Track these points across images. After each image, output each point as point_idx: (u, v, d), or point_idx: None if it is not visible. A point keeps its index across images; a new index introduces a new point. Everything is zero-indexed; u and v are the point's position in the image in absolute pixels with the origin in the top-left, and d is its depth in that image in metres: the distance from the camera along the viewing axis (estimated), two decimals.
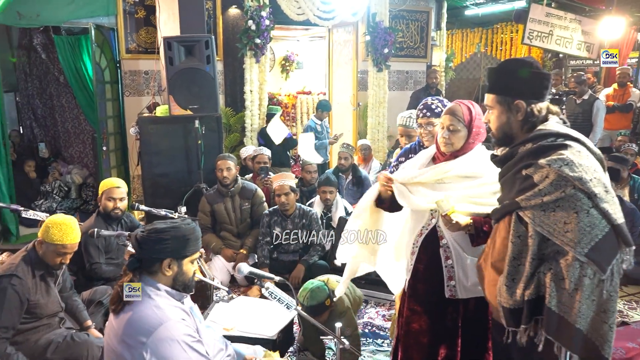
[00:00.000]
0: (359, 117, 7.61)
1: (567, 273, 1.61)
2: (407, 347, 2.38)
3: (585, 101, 6.32)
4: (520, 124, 1.80)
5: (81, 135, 7.40)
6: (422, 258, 2.29)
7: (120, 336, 1.81)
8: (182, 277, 1.95)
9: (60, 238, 2.71)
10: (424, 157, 2.38)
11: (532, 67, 1.81)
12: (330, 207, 4.74)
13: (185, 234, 1.92)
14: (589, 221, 1.59)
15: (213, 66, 4.75)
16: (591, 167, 1.64)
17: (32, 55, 7.18)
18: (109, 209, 3.60)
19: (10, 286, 2.59)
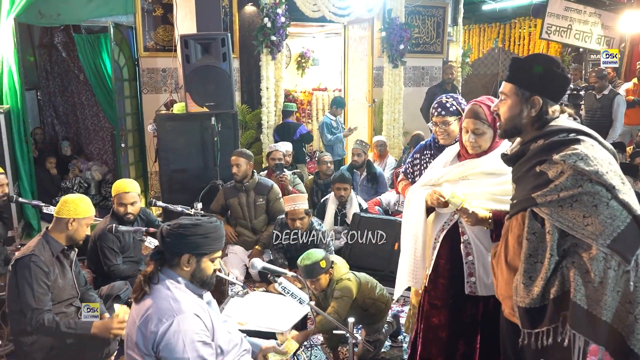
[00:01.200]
0: (374, 113, 7.60)
1: (592, 266, 1.59)
2: (426, 342, 2.39)
3: (605, 96, 6.23)
4: (532, 120, 1.80)
5: (100, 132, 7.53)
6: (443, 253, 2.30)
7: (137, 324, 1.88)
8: (200, 274, 1.99)
9: (89, 210, 2.92)
10: (449, 154, 2.37)
11: (558, 67, 1.80)
12: (344, 203, 4.76)
13: (207, 233, 1.96)
14: (609, 213, 1.57)
15: (229, 63, 4.80)
16: (606, 159, 1.63)
17: (53, 54, 7.33)
18: (121, 214, 3.64)
19: (31, 263, 2.72)
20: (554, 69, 1.78)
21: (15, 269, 2.76)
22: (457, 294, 2.25)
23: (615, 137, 6.22)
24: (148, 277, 1.95)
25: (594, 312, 1.61)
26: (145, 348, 1.85)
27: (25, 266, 2.73)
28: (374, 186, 5.54)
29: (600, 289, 1.59)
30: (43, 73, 7.43)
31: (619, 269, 1.58)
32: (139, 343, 1.85)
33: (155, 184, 6.15)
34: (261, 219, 4.61)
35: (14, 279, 2.75)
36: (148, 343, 1.84)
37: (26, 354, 2.79)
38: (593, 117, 6.33)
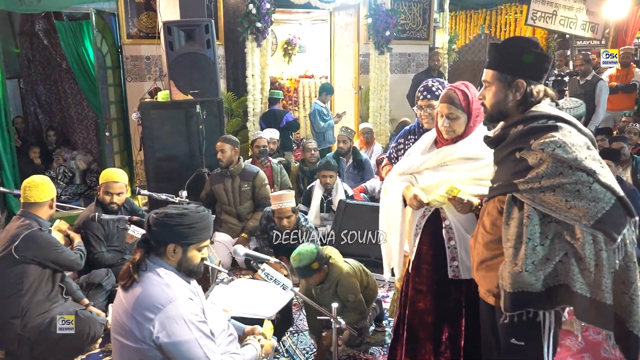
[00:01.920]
0: (360, 100, 7.60)
1: (584, 252, 1.61)
2: (412, 326, 2.42)
3: (588, 82, 6.28)
4: (517, 103, 1.80)
5: (84, 121, 7.45)
6: (425, 239, 2.32)
7: (129, 312, 1.86)
8: (187, 263, 1.98)
9: (53, 190, 3.09)
10: (425, 141, 2.38)
11: (537, 47, 1.81)
12: (330, 190, 4.78)
13: (193, 222, 1.95)
14: (592, 196, 1.59)
15: (213, 50, 4.75)
16: (584, 145, 1.64)
17: (34, 42, 7.21)
18: (106, 202, 3.64)
19: (42, 232, 2.92)
20: (533, 49, 1.79)
21: (25, 246, 2.84)
22: (440, 279, 2.28)
23: (598, 123, 6.28)
24: (136, 264, 1.93)
25: (598, 298, 1.62)
26: (141, 336, 1.84)
27: (39, 237, 2.89)
28: (359, 173, 5.56)
29: (597, 272, 1.61)
30: (25, 61, 7.31)
31: (609, 249, 1.60)
32: (134, 331, 1.84)
33: (141, 172, 6.12)
34: (246, 205, 4.61)
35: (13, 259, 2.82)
36: (145, 331, 1.83)
37: (19, 337, 2.81)
38: None
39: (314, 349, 3.07)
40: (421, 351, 2.38)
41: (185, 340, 1.84)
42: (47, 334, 2.86)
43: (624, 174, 5.06)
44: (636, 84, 7.12)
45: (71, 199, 6.35)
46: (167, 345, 1.84)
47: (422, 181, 2.28)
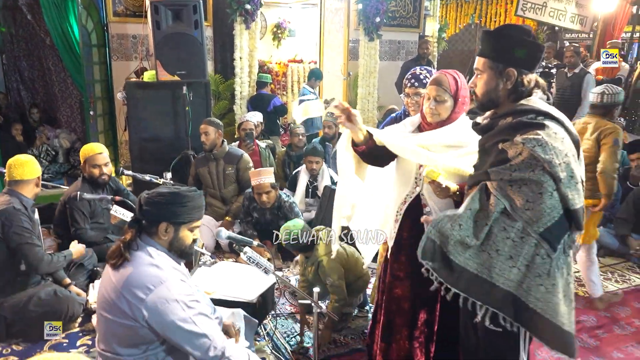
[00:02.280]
0: (349, 86, 7.57)
1: (522, 251, 1.67)
2: (389, 312, 2.44)
3: (576, 75, 6.32)
4: (508, 92, 1.80)
5: (68, 99, 7.32)
6: (405, 226, 2.33)
7: (119, 290, 1.85)
8: (178, 243, 1.98)
9: (38, 169, 3.08)
10: (409, 124, 2.39)
11: (529, 36, 1.80)
12: (316, 176, 4.78)
13: (185, 201, 1.95)
14: (550, 204, 1.63)
15: (201, 31, 4.69)
16: (563, 151, 1.66)
17: (17, 16, 7.04)
18: (96, 176, 3.62)
19: (15, 211, 2.89)
20: (525, 37, 1.78)
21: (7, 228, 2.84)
22: (419, 266, 2.30)
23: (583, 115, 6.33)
24: (127, 244, 1.92)
25: (518, 294, 1.71)
26: (132, 314, 1.83)
27: (11, 214, 2.85)
28: None
29: (526, 272, 1.69)
30: (7, 36, 7.14)
31: (547, 257, 1.66)
32: (124, 309, 1.84)
33: (126, 153, 6.05)
34: (231, 188, 4.59)
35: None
36: (135, 310, 1.82)
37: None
38: (563, 95, 6.42)
39: (294, 333, 3.10)
40: (397, 337, 2.41)
41: (179, 318, 1.84)
42: (24, 312, 2.85)
43: None
44: (622, 78, 7.20)
45: (54, 177, 6.26)
46: (161, 325, 1.84)
47: (404, 165, 2.29)
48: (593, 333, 3.17)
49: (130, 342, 1.89)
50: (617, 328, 3.24)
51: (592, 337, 3.13)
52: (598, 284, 3.50)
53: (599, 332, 3.18)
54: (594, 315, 3.38)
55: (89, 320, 3.08)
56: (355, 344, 3.01)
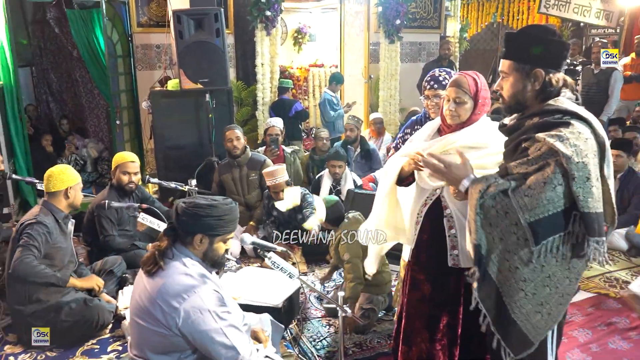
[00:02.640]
0: (370, 90, 7.56)
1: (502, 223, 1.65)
2: (410, 315, 2.43)
3: (603, 71, 6.19)
4: (536, 94, 1.77)
5: (95, 109, 7.50)
6: (426, 228, 2.31)
7: (154, 298, 1.89)
8: (212, 253, 2.02)
9: (77, 176, 3.16)
10: (429, 128, 2.38)
11: (554, 35, 1.77)
12: (339, 180, 4.78)
13: (222, 214, 1.98)
14: (549, 196, 1.60)
15: (223, 39, 4.76)
16: (584, 150, 1.62)
17: (45, 30, 7.25)
18: (124, 182, 3.71)
19: (36, 224, 2.92)
20: (550, 37, 1.76)
21: (20, 233, 2.90)
22: (440, 268, 2.28)
23: (610, 113, 6.21)
24: (162, 251, 1.96)
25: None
26: (165, 322, 1.87)
27: (27, 230, 2.89)
28: (367, 162, 5.56)
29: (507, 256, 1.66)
30: (37, 50, 7.36)
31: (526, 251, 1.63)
32: (158, 317, 1.88)
33: (151, 161, 6.16)
34: (254, 194, 4.63)
35: (17, 243, 2.89)
36: (169, 319, 1.86)
37: (27, 324, 2.88)
38: (588, 92, 6.30)
39: (320, 337, 3.10)
40: (417, 339, 2.39)
41: (211, 329, 1.87)
42: (55, 322, 2.91)
43: (636, 164, 5.02)
44: None
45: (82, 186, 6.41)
46: (192, 335, 1.88)
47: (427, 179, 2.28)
48: (626, 335, 3.09)
49: (162, 349, 1.93)
50: None
51: (624, 339, 3.05)
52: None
53: (632, 334, 3.10)
54: (627, 317, 3.29)
55: (119, 326, 3.14)
56: (381, 347, 2.99)
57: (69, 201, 3.09)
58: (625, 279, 3.86)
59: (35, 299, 2.92)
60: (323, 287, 3.72)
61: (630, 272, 3.99)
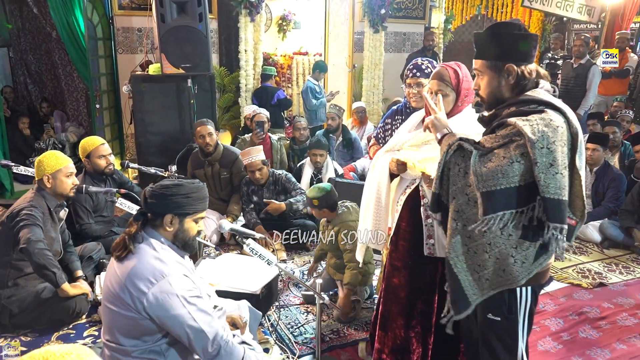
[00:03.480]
0: (354, 79, 7.56)
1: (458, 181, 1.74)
2: (387, 301, 2.47)
3: (582, 65, 6.27)
4: (512, 87, 1.81)
5: (75, 92, 7.37)
6: (404, 216, 2.34)
7: (122, 282, 1.89)
8: (182, 234, 2.01)
9: (60, 162, 3.03)
10: (414, 119, 2.40)
11: (520, 29, 1.81)
12: (320, 169, 4.79)
13: (189, 192, 1.98)
14: (505, 169, 1.64)
15: (205, 24, 4.70)
16: (551, 137, 1.64)
17: (24, 10, 7.09)
18: (102, 167, 3.65)
19: (33, 208, 2.89)
20: (516, 32, 1.79)
21: (14, 217, 2.86)
22: (417, 256, 2.32)
23: (587, 107, 6.30)
24: (132, 236, 1.95)
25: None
26: (134, 306, 1.87)
27: (26, 211, 2.87)
28: (349, 151, 5.58)
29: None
30: (14, 30, 7.19)
31: (473, 220, 1.71)
32: (127, 301, 1.87)
33: (131, 146, 6.10)
34: (227, 190, 4.54)
35: (7, 227, 2.86)
36: (137, 303, 1.86)
37: (2, 307, 2.86)
38: (567, 86, 6.38)
39: (298, 324, 3.13)
40: (392, 325, 2.43)
41: (178, 314, 1.87)
42: (31, 308, 2.89)
43: (612, 159, 5.12)
44: (630, 69, 7.13)
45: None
46: (161, 319, 1.87)
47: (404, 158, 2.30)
48: (596, 324, 3.17)
49: (133, 334, 1.92)
50: (620, 320, 3.24)
51: (594, 328, 3.13)
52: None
53: (602, 324, 3.18)
54: (597, 307, 3.38)
55: (95, 311, 3.12)
56: (358, 334, 3.03)
57: (51, 189, 3.01)
58: (598, 270, 3.95)
59: (13, 283, 2.90)
60: (302, 275, 3.74)
61: (602, 264, 4.09)
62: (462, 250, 1.76)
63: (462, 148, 1.76)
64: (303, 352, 2.84)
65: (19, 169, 3.55)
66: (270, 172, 4.30)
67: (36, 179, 3.03)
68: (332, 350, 2.87)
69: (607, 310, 3.35)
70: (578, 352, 2.88)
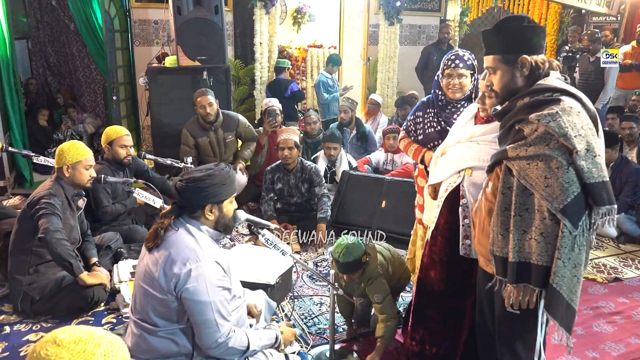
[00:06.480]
0: (368, 72, 7.54)
1: (548, 231, 1.67)
2: (421, 292, 2.51)
3: (598, 59, 6.19)
4: (526, 79, 1.82)
5: (92, 84, 7.45)
6: (444, 213, 2.36)
7: (160, 265, 1.96)
8: (224, 219, 2.09)
9: (82, 153, 3.07)
10: (467, 115, 2.37)
11: (527, 21, 1.83)
12: (334, 162, 4.80)
13: (222, 180, 2.04)
14: (568, 177, 1.63)
15: (221, 16, 4.73)
16: (578, 124, 1.66)
17: (42, 2, 7.16)
18: (122, 156, 3.72)
19: (52, 197, 2.94)
20: (524, 24, 1.81)
21: (34, 205, 2.91)
22: (453, 254, 2.33)
23: (606, 101, 6.22)
24: (165, 228, 2.01)
25: (554, 286, 1.69)
26: (167, 287, 1.94)
27: (45, 200, 2.91)
28: (363, 144, 5.58)
29: (555, 254, 1.66)
30: (33, 22, 7.28)
31: (570, 235, 1.65)
32: (161, 282, 1.95)
33: (148, 137, 6.16)
34: (229, 152, 4.63)
35: (28, 214, 2.92)
36: (170, 283, 1.93)
37: (24, 294, 2.92)
38: (587, 80, 6.30)
39: (312, 315, 3.15)
40: (424, 316, 2.48)
41: (203, 301, 1.94)
42: (51, 295, 2.96)
43: (630, 153, 5.06)
44: None
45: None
46: (186, 301, 1.95)
47: (452, 153, 2.32)
48: (611, 319, 3.15)
49: (164, 314, 1.99)
50: (636, 315, 3.22)
51: (609, 323, 3.12)
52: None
53: (617, 319, 3.16)
54: (612, 302, 3.36)
55: (113, 299, 3.18)
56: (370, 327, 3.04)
57: (69, 179, 3.06)
58: (613, 265, 3.92)
59: (34, 270, 2.97)
60: (316, 266, 3.77)
61: (618, 259, 4.05)
62: (559, 265, 1.68)
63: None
64: (317, 342, 2.87)
65: (39, 159, 3.61)
66: (299, 160, 4.26)
67: (56, 167, 3.08)
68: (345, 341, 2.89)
69: (622, 305, 3.33)
70: (592, 346, 2.88)
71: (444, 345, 2.47)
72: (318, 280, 3.52)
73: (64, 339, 1.01)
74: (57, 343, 1.01)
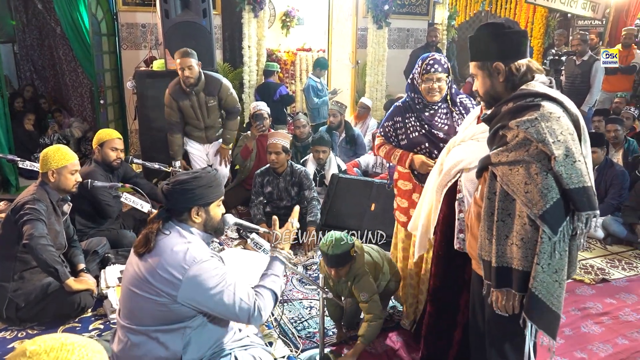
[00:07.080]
0: (357, 75, 7.56)
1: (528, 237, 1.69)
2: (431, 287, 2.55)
3: (585, 62, 6.26)
4: (504, 85, 1.84)
5: (79, 88, 7.40)
6: (443, 207, 2.38)
7: (154, 269, 1.92)
8: (211, 221, 2.08)
9: (67, 158, 3.04)
10: (472, 116, 2.38)
11: (507, 27, 1.84)
12: (323, 165, 4.80)
13: (208, 182, 2.04)
14: (546, 183, 1.65)
15: (209, 20, 4.72)
16: (558, 129, 1.67)
17: (29, 5, 7.11)
18: (112, 159, 3.70)
19: (36, 202, 2.91)
20: (503, 30, 1.82)
21: (18, 210, 2.88)
22: (446, 248, 2.35)
23: (592, 103, 6.28)
24: (155, 233, 1.99)
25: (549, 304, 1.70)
26: (166, 293, 1.91)
27: (29, 205, 2.88)
28: (352, 148, 5.59)
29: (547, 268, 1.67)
30: (19, 25, 7.21)
31: (550, 241, 1.66)
32: (157, 286, 1.92)
33: (135, 142, 6.12)
34: (213, 117, 4.59)
35: (12, 220, 2.89)
36: (171, 289, 1.91)
37: (9, 300, 2.89)
38: (573, 83, 6.37)
39: (302, 318, 3.15)
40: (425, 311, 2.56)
41: (214, 294, 1.92)
42: (36, 301, 2.92)
43: (615, 155, 5.12)
44: (636, 65, 7.08)
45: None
46: (197, 301, 1.93)
47: (455, 153, 2.32)
48: (598, 320, 3.18)
49: (158, 317, 1.96)
50: (623, 315, 3.25)
51: (597, 323, 3.14)
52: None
53: (604, 319, 3.19)
54: (600, 303, 3.39)
55: (100, 305, 3.15)
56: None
57: (54, 184, 3.02)
58: (601, 266, 3.96)
59: (19, 276, 2.93)
60: (305, 270, 3.76)
61: (605, 260, 4.09)
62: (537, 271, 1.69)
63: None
64: (306, 346, 2.86)
65: (24, 164, 3.58)
66: (289, 163, 4.26)
67: (40, 172, 3.04)
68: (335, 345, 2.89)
69: (609, 306, 3.36)
70: (580, 346, 2.90)
71: (439, 344, 2.49)
72: (307, 284, 3.51)
73: (34, 351, 0.98)
74: (27, 356, 0.97)
